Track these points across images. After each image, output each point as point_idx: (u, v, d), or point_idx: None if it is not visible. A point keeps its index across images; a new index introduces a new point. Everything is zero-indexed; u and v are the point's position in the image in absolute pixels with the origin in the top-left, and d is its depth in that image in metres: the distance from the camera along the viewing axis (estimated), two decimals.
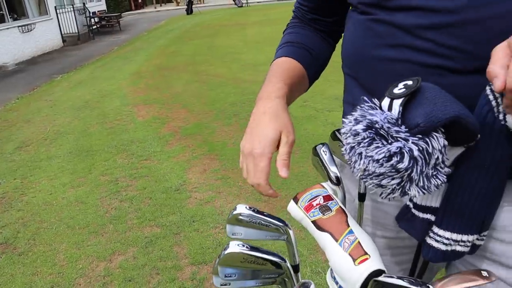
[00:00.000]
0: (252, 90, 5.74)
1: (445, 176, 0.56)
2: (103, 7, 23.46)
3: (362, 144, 0.56)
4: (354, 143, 0.57)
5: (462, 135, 0.56)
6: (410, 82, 0.56)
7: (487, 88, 0.56)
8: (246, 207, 0.74)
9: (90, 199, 3.28)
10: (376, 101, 0.59)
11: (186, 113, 5.14)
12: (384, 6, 0.69)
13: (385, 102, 0.56)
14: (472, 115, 0.55)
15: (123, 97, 6.21)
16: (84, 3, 16.90)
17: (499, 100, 0.54)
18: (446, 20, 0.61)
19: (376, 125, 0.55)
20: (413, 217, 0.68)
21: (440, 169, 0.55)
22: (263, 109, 0.76)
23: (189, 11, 20.91)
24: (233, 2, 23.85)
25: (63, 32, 14.46)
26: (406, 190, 0.56)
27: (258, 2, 27.39)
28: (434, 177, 0.55)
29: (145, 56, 9.70)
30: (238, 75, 6.79)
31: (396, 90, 0.56)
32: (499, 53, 0.50)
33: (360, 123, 0.57)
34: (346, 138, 0.59)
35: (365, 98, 0.60)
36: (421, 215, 0.67)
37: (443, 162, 0.54)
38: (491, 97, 0.55)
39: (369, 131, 0.55)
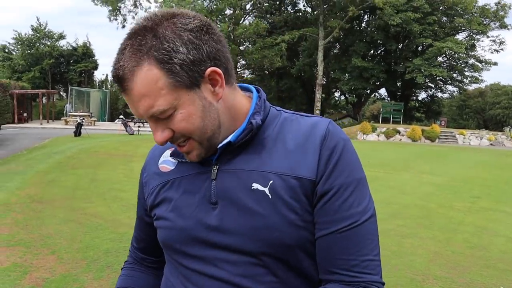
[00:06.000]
0: (129, 236, 5.67)
1: None
2: None
3: None
4: None
5: None
6: None
7: None
8: None
9: None
10: None
11: (54, 261, 4.84)
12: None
13: None
14: None
15: None
16: None
17: None
18: None
19: None
20: None
21: None
22: None
23: (78, 133, 20.60)
24: (124, 129, 24.20)
25: None
26: None
27: (150, 131, 28.11)
28: None
29: (19, 183, 9.13)
30: (118, 217, 6.71)
31: None
32: None
33: None
34: None
35: None
36: None
37: None
38: None
39: None
